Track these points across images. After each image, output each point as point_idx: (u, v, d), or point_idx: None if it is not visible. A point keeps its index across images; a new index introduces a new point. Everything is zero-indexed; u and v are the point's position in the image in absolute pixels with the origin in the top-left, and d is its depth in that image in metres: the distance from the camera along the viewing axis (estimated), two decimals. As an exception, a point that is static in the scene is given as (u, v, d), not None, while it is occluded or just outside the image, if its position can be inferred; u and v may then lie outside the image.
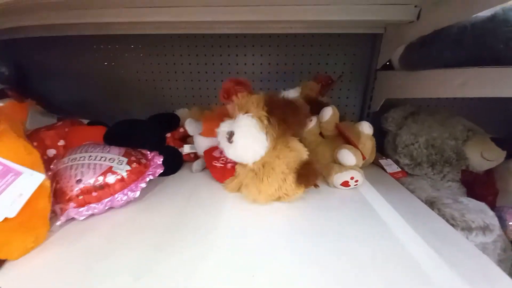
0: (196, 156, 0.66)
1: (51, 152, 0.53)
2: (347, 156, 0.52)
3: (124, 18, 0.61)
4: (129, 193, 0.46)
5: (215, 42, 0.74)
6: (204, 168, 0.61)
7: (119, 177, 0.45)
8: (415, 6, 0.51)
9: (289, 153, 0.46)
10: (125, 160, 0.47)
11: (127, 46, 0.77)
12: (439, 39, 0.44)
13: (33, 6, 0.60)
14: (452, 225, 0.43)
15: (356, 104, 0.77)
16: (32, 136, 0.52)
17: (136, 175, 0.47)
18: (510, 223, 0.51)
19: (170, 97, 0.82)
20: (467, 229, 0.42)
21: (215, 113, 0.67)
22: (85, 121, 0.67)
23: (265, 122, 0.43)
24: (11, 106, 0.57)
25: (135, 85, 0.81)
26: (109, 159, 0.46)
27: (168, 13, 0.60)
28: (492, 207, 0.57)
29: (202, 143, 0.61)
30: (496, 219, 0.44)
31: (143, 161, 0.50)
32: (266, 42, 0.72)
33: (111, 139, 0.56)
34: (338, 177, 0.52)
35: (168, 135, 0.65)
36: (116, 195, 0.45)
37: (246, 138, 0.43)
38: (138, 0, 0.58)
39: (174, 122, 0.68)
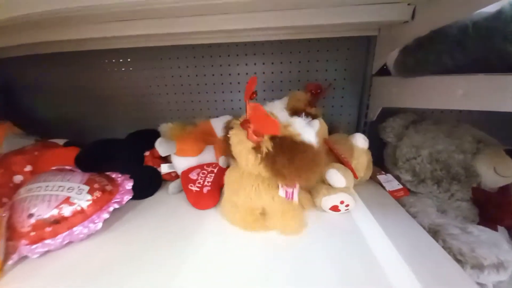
0: (177, 175, 0.61)
1: (18, 178, 0.50)
2: (336, 177, 0.45)
3: (110, 32, 0.58)
4: (90, 225, 0.41)
5: (205, 52, 0.70)
6: (181, 190, 0.56)
7: (78, 208, 0.41)
8: (409, 4, 0.45)
9: None
10: (86, 188, 0.43)
11: (114, 61, 0.74)
12: (437, 41, 0.38)
13: (16, 25, 0.59)
14: (460, 261, 0.36)
15: (352, 113, 0.70)
16: (-1, 162, 0.50)
17: (99, 204, 0.43)
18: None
19: (160, 111, 0.78)
20: (478, 267, 0.35)
21: (198, 129, 0.63)
22: (62, 142, 0.64)
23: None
24: (-18, 130, 0.55)
25: (123, 101, 0.78)
26: (68, 189, 0.42)
27: (156, 25, 0.56)
28: (510, 229, 0.50)
29: (179, 163, 0.56)
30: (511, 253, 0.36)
31: (108, 188, 0.46)
32: (251, 51, 0.67)
33: (82, 163, 0.52)
34: (327, 201, 0.46)
35: (147, 153, 0.61)
36: (75, 229, 0.41)
37: None
38: (125, 13, 0.54)
39: (154, 139, 0.63)
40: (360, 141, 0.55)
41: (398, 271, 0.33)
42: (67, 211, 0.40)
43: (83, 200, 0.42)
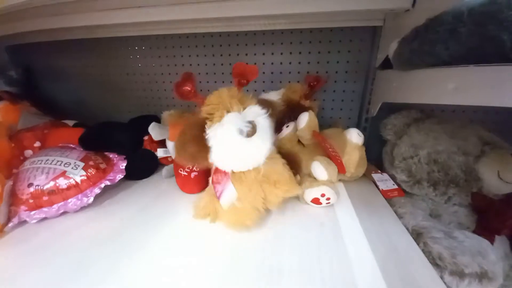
0: (173, 160, 0.64)
1: (28, 152, 0.55)
2: (318, 169, 0.45)
3: (124, 19, 0.61)
4: (83, 198, 0.45)
5: (208, 42, 0.70)
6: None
7: (72, 182, 0.44)
8: (410, -10, 0.42)
9: None
10: (81, 165, 0.46)
11: (128, 48, 0.77)
12: (431, 29, 0.35)
13: (37, 12, 0.64)
14: (439, 266, 0.34)
15: (353, 108, 0.67)
16: (13, 137, 0.55)
17: (93, 180, 0.47)
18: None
19: (168, 99, 0.81)
20: (458, 274, 0.33)
21: (192, 117, 0.64)
22: (72, 123, 0.69)
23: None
24: (4, 109, 0.61)
25: (134, 88, 0.82)
26: (65, 164, 0.45)
27: (172, 11, 0.57)
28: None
29: (172, 148, 0.58)
30: (500, 264, 0.33)
31: (103, 166, 0.49)
32: (251, 41, 0.67)
33: (85, 142, 0.56)
34: (308, 193, 0.45)
35: (146, 137, 0.64)
36: (69, 200, 0.44)
37: (268, 129, 0.40)
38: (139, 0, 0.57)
39: (154, 124, 0.67)
40: (354, 136, 0.53)
41: (366, 271, 0.32)
42: (63, 183, 0.44)
43: (78, 175, 0.45)
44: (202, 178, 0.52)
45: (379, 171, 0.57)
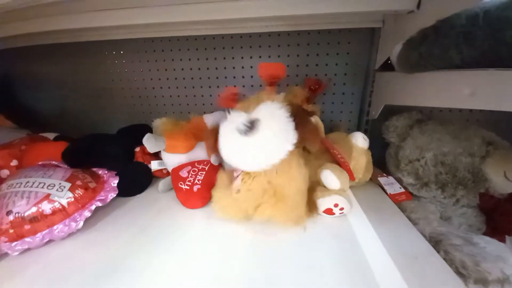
0: (169, 173, 0.59)
1: (4, 173, 0.49)
2: (330, 178, 0.43)
3: (110, 22, 0.56)
4: (71, 223, 0.40)
5: (199, 45, 0.67)
6: (172, 188, 0.54)
7: (58, 206, 0.39)
8: (415, -8, 0.41)
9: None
10: (68, 185, 0.41)
11: (113, 53, 0.72)
12: (443, 32, 0.34)
13: (11, 16, 0.58)
14: (462, 275, 0.33)
15: (353, 110, 0.66)
16: (-15, 156, 0.49)
17: (81, 202, 0.42)
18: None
19: (158, 106, 0.76)
20: (482, 282, 0.32)
21: (190, 125, 0.60)
22: (53, 136, 0.62)
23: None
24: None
25: (121, 95, 0.76)
26: (48, 186, 0.40)
27: (159, 13, 0.54)
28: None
29: (169, 160, 0.54)
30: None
31: (92, 185, 0.44)
32: (247, 44, 0.64)
33: (69, 158, 0.51)
34: (321, 203, 0.43)
35: (138, 149, 0.59)
36: (55, 227, 0.39)
37: (276, 125, 0.34)
38: (126, 1, 0.53)
39: (145, 134, 0.62)
40: (360, 140, 0.52)
41: (391, 284, 0.31)
42: (47, 208, 0.39)
43: (64, 198, 0.40)
44: (205, 192, 0.48)
45: (385, 174, 0.56)
